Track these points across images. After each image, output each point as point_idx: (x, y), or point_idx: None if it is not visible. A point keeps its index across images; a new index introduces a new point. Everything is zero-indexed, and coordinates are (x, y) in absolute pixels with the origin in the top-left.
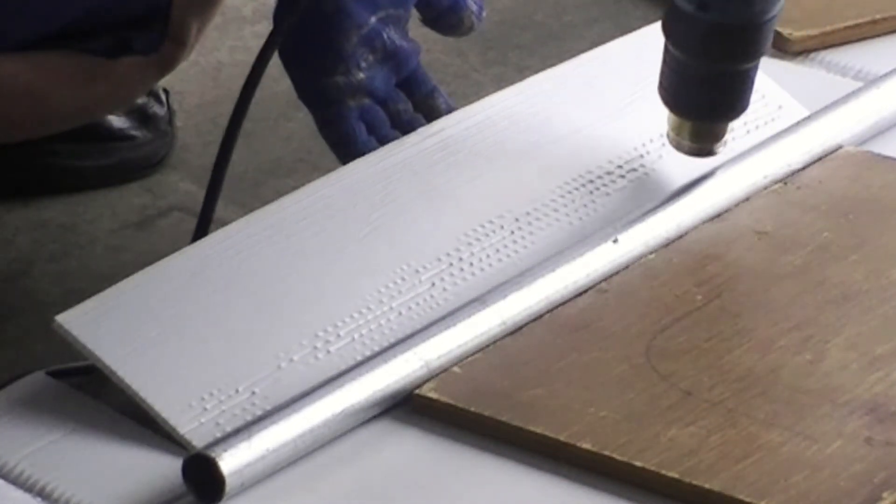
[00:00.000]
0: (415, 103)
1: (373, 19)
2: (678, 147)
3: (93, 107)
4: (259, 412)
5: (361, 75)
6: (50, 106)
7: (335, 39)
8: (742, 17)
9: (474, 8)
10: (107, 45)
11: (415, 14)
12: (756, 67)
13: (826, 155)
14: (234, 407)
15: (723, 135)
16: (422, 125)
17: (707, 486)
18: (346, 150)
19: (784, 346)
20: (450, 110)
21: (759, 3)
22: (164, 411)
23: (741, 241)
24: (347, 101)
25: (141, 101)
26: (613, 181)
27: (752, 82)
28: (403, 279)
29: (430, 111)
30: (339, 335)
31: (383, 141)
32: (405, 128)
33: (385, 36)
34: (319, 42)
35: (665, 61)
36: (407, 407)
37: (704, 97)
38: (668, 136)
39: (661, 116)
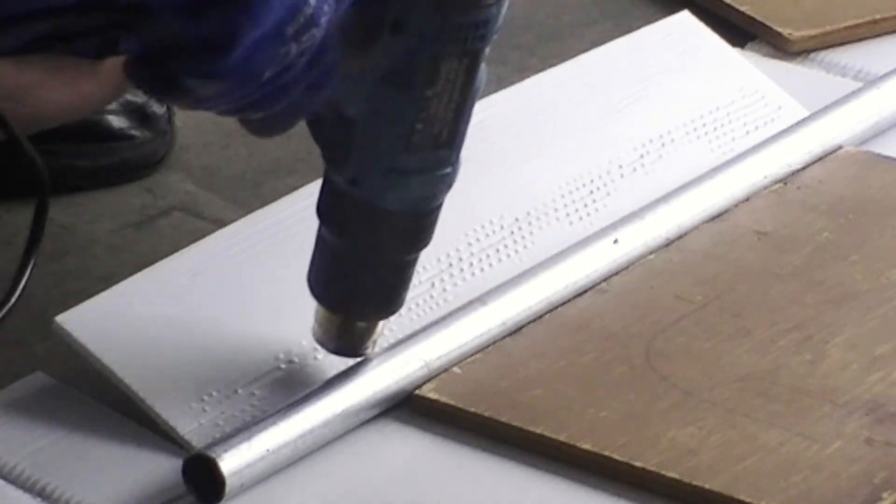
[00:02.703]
0: None
1: None
2: (322, 344)
3: (79, 105)
4: (259, 412)
5: None
6: (35, 106)
7: None
8: (396, 200)
9: None
10: (93, 46)
11: None
12: (414, 261)
13: (826, 155)
14: (234, 407)
15: (375, 333)
16: None
17: (707, 486)
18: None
19: (784, 346)
20: None
21: (413, 187)
22: (164, 412)
23: (741, 241)
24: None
25: (140, 100)
26: (613, 181)
27: (407, 279)
28: None
29: None
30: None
31: None
32: None
33: None
34: None
35: (317, 242)
36: (407, 407)
37: (355, 290)
38: (312, 329)
39: (661, 116)
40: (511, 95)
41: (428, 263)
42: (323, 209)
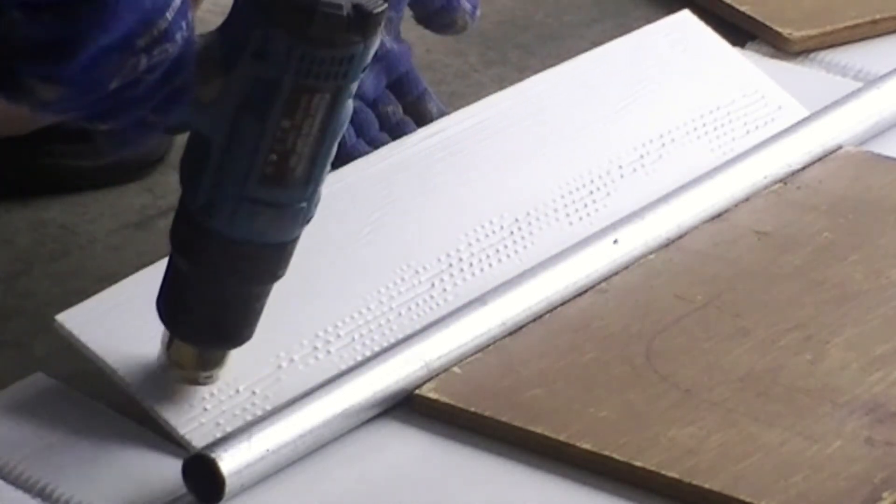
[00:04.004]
0: (405, 105)
1: None
2: (166, 370)
3: None
4: (259, 412)
5: None
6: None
7: None
8: (246, 232)
9: (468, 7)
10: None
11: (411, 14)
12: (266, 292)
13: (826, 155)
14: (234, 407)
15: (218, 364)
16: (411, 128)
17: (707, 486)
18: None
19: (784, 346)
20: (441, 113)
21: (265, 220)
22: (164, 411)
23: (741, 241)
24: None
25: None
26: (613, 181)
27: (259, 309)
28: (403, 279)
29: (420, 114)
30: (339, 335)
31: (372, 143)
32: (394, 130)
33: None
34: None
35: (168, 268)
36: (407, 407)
37: (202, 318)
38: (158, 356)
39: (661, 116)
40: (511, 95)
41: (428, 263)
42: (174, 234)
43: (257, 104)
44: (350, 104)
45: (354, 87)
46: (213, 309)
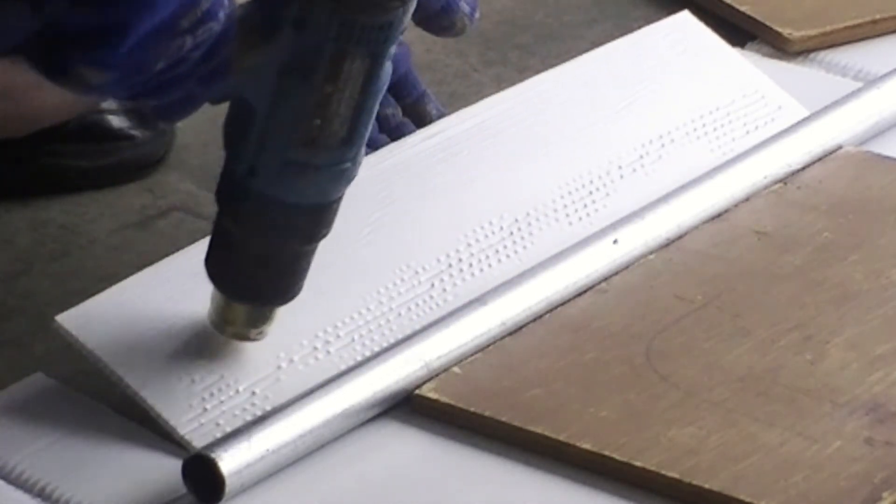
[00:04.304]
0: (404, 107)
1: None
2: (218, 328)
3: (74, 104)
4: (259, 412)
5: None
6: (32, 106)
7: None
8: (292, 194)
9: (467, 10)
10: None
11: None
12: (313, 250)
13: (826, 155)
14: (234, 407)
15: (268, 321)
16: (410, 130)
17: (707, 486)
18: None
19: (784, 346)
20: (440, 115)
21: (310, 182)
22: (164, 412)
23: (741, 241)
24: None
25: None
26: (613, 181)
27: (306, 267)
28: (403, 279)
29: (418, 116)
30: (339, 335)
31: (371, 145)
32: (394, 132)
33: None
34: None
35: (216, 228)
36: (407, 407)
37: (252, 278)
38: (208, 313)
39: (661, 116)
40: (511, 95)
41: (428, 263)
42: (221, 196)
43: (299, 71)
44: (389, 65)
45: (393, 49)
46: (260, 269)
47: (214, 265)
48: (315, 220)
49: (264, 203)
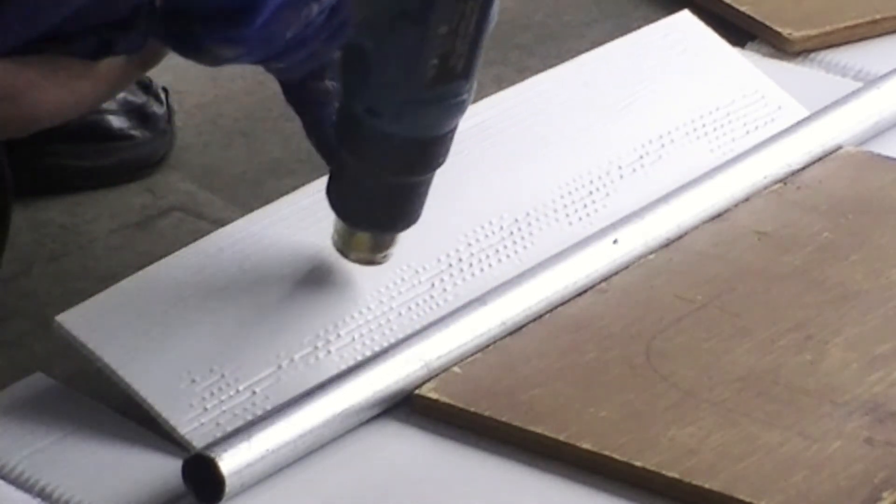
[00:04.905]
0: None
1: None
2: (344, 254)
3: (74, 106)
4: (259, 412)
5: None
6: (32, 108)
7: None
8: (413, 129)
9: None
10: (90, 47)
11: None
12: (431, 177)
13: (826, 155)
14: (235, 407)
15: (392, 245)
16: None
17: (707, 486)
18: (332, 152)
19: (784, 346)
20: None
21: (430, 117)
22: (165, 411)
23: (741, 241)
24: (335, 104)
25: (140, 100)
26: (613, 182)
27: (425, 193)
28: (403, 279)
29: None
30: (339, 335)
31: None
32: None
33: None
34: None
35: (337, 164)
36: (407, 407)
37: (375, 208)
38: (332, 239)
39: (660, 117)
40: (511, 95)
41: (428, 263)
42: (340, 131)
43: (414, 15)
44: None
45: None
46: (382, 199)
47: (336, 196)
48: (433, 150)
49: (384, 139)
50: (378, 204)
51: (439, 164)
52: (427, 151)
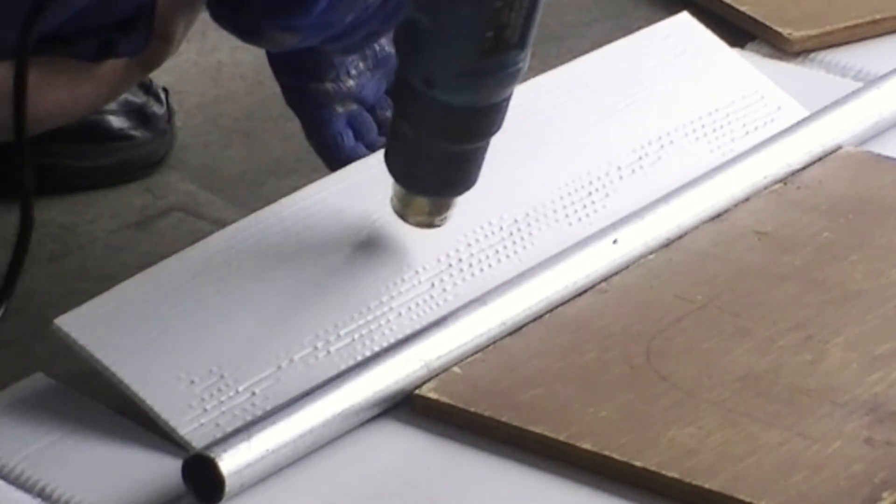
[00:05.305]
0: None
1: None
2: (403, 218)
3: (76, 107)
4: (259, 412)
5: (351, 82)
6: (34, 109)
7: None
8: (469, 99)
9: None
10: (92, 48)
11: None
12: (488, 143)
13: (826, 155)
14: (235, 407)
15: (449, 208)
16: None
17: (707, 486)
18: (333, 154)
19: (784, 346)
20: None
21: (486, 87)
22: (164, 412)
23: (741, 241)
24: (335, 106)
25: (140, 100)
26: (612, 182)
27: (482, 158)
28: (403, 279)
29: None
30: (339, 335)
31: (370, 146)
32: None
33: (376, 44)
34: (311, 49)
35: (394, 132)
36: (407, 407)
37: (433, 174)
38: (391, 201)
39: (660, 117)
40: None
41: (428, 263)
42: (396, 99)
43: None
44: None
45: None
46: (439, 165)
47: (394, 163)
48: (489, 118)
49: (441, 109)
50: (435, 170)
51: (495, 132)
52: (483, 119)
